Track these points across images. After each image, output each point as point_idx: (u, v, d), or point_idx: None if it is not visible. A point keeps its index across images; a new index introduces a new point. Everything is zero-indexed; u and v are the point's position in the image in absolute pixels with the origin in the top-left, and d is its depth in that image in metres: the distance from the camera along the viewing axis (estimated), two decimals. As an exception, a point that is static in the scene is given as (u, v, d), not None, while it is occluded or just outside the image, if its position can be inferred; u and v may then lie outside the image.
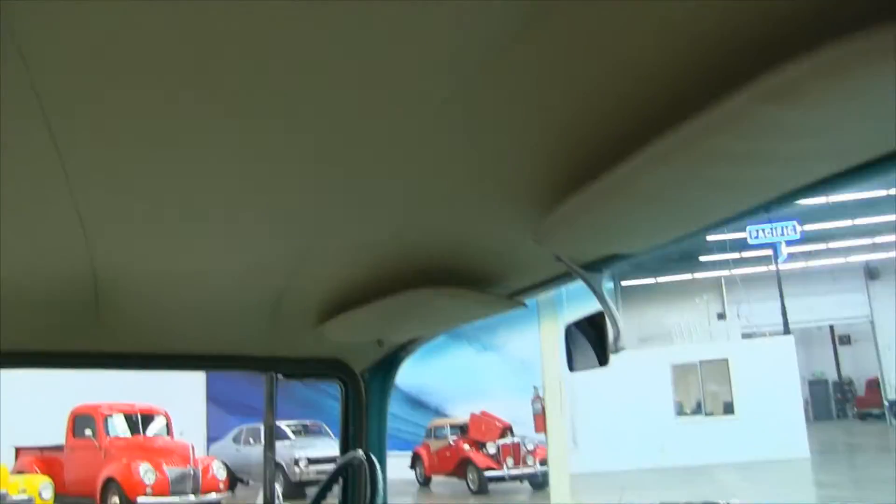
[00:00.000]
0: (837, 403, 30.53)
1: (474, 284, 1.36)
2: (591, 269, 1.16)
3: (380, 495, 1.48)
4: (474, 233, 1.22)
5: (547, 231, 1.02)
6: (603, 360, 1.29)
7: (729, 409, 17.89)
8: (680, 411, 18.34)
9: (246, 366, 2.14)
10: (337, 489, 1.99)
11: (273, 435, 2.25)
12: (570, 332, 1.38)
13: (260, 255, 1.29)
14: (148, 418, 13.73)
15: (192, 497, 11.89)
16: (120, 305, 1.48)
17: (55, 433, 13.66)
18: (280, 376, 2.11)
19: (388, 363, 2.04)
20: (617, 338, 1.17)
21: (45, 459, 13.50)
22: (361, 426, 2.01)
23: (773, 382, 17.00)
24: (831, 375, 30.62)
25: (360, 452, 1.61)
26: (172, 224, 1.13)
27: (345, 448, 2.01)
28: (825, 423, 25.75)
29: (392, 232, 1.21)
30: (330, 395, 16.72)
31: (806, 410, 21.79)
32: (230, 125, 0.83)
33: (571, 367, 1.38)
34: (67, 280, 1.31)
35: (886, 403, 26.15)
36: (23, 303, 1.37)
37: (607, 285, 1.17)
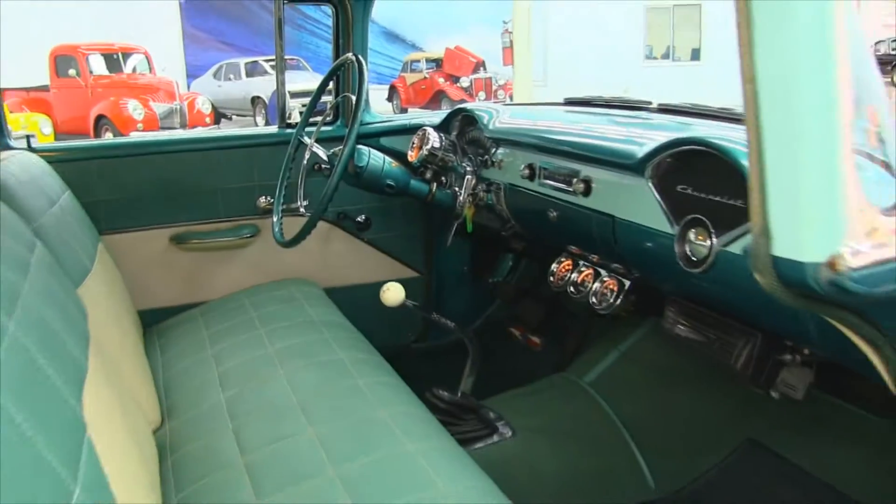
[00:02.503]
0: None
1: None
2: None
3: (365, 86, 1.95)
4: None
5: None
6: None
7: (696, 55, 18.23)
8: (649, 55, 18.68)
9: None
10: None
11: (283, 61, 2.62)
12: None
13: None
14: (128, 56, 13.78)
15: (181, 131, 12.46)
16: None
17: (33, 75, 13.35)
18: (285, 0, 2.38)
19: None
20: None
21: (33, 100, 13.56)
22: (349, 40, 2.45)
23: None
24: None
25: (351, 54, 2.06)
26: None
27: (337, 55, 2.49)
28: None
29: None
30: (306, 31, 16.68)
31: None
32: None
33: None
34: None
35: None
36: None
37: None
